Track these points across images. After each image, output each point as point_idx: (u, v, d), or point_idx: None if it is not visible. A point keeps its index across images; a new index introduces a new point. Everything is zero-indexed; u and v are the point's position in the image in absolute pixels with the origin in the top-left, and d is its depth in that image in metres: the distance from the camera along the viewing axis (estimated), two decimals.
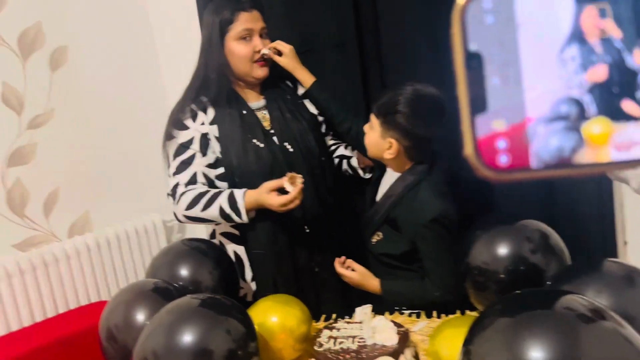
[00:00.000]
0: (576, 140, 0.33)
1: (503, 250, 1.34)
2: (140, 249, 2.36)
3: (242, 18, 1.65)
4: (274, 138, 1.71)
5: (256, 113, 1.73)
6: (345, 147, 1.90)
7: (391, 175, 1.61)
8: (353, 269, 1.60)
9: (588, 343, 0.84)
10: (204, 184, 1.65)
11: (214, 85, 1.66)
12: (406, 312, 1.55)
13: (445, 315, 1.51)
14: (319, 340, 1.32)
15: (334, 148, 1.91)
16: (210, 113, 1.68)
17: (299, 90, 1.83)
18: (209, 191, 1.61)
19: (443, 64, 0.40)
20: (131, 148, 2.39)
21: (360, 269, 1.60)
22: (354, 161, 1.84)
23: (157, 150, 1.72)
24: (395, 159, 1.54)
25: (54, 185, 2.19)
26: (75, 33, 2.23)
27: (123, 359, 1.34)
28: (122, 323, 1.36)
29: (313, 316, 1.47)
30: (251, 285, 1.76)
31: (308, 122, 1.77)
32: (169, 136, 1.68)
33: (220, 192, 1.60)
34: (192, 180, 1.64)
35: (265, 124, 1.72)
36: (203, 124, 1.66)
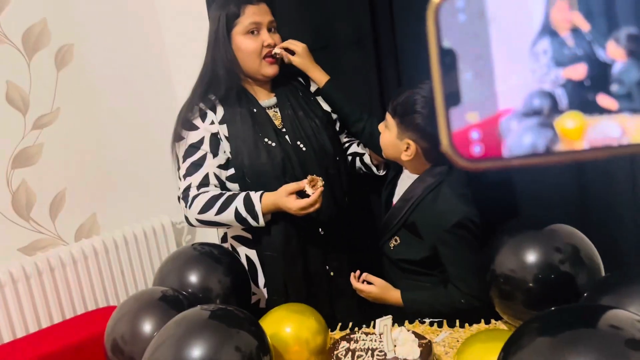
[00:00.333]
0: (549, 134, 0.34)
1: (531, 257, 1.27)
2: (149, 252, 2.32)
3: (249, 11, 1.59)
4: (287, 137, 1.65)
5: (267, 111, 1.68)
6: (358, 145, 1.85)
7: (408, 176, 1.56)
8: (370, 282, 1.53)
9: None
10: (216, 186, 1.60)
11: (222, 83, 1.61)
12: (427, 322, 1.47)
13: (468, 324, 1.44)
14: (336, 353, 1.26)
15: (347, 146, 1.87)
16: (220, 112, 1.63)
17: (311, 87, 1.78)
18: (223, 194, 1.57)
19: None
20: (139, 148, 2.35)
21: (378, 281, 1.53)
22: (366, 158, 1.80)
23: (166, 151, 1.68)
24: (413, 160, 1.48)
25: (61, 187, 2.15)
26: (82, 30, 2.18)
27: None
28: (129, 334, 1.32)
29: (328, 324, 1.41)
30: (264, 291, 1.70)
31: (321, 120, 1.71)
32: (178, 137, 1.64)
33: (235, 195, 1.56)
34: (204, 182, 1.59)
35: (277, 123, 1.67)
36: (213, 123, 1.61)
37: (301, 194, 1.50)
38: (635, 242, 1.48)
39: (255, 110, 1.64)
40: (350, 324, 1.50)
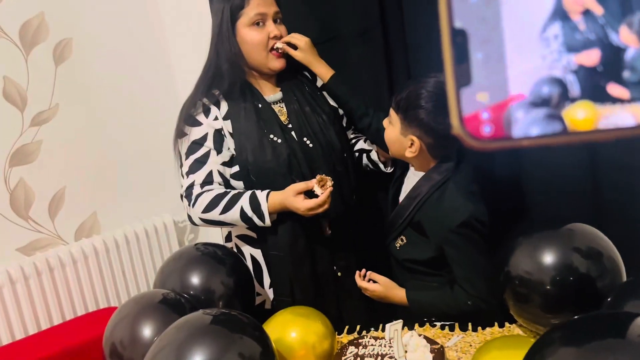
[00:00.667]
0: (559, 125, 0.33)
1: (548, 258, 1.21)
2: (151, 251, 2.29)
3: (254, 2, 1.55)
4: (292, 133, 1.61)
5: (272, 106, 1.63)
6: (365, 141, 1.81)
7: (414, 174, 1.52)
8: (375, 281, 1.48)
9: None
10: (220, 184, 1.56)
11: (226, 77, 1.57)
12: (438, 325, 1.42)
13: (481, 327, 1.38)
14: (343, 359, 1.20)
15: (353, 142, 1.83)
16: (224, 107, 1.58)
17: (318, 82, 1.74)
18: (227, 192, 1.53)
19: None
20: (140, 145, 2.31)
21: (383, 280, 1.49)
22: (373, 154, 1.76)
23: (168, 148, 1.63)
24: (418, 157, 1.44)
25: (60, 185, 2.11)
26: (80, 24, 2.14)
27: None
28: (128, 338, 1.28)
29: (335, 325, 1.37)
30: (269, 292, 1.66)
31: (328, 116, 1.67)
32: (180, 133, 1.59)
33: (241, 194, 1.52)
34: (208, 180, 1.54)
35: (283, 118, 1.62)
36: (216, 118, 1.57)
37: (309, 193, 1.45)
38: None
39: (260, 105, 1.60)
40: (358, 327, 1.45)
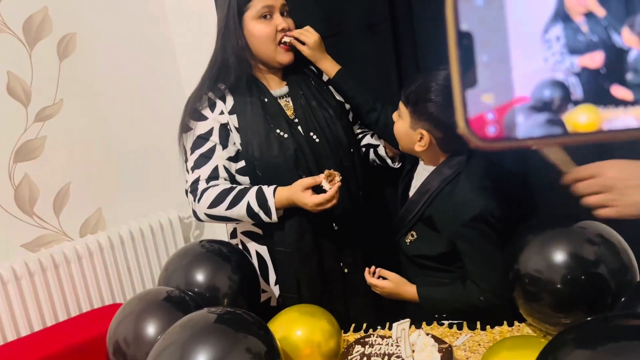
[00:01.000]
0: (559, 129, 0.33)
1: (559, 256, 1.18)
2: (156, 247, 2.28)
3: None
4: (299, 128, 1.59)
5: (279, 101, 1.61)
6: (372, 136, 1.80)
7: (424, 168, 1.50)
8: (384, 278, 1.46)
9: None
10: (225, 179, 1.55)
11: (232, 71, 1.55)
12: (446, 323, 1.40)
13: (489, 325, 1.36)
14: (350, 358, 1.19)
15: (360, 137, 1.81)
16: (230, 101, 1.56)
17: (324, 76, 1.72)
18: (233, 188, 1.51)
19: None
20: (145, 141, 2.30)
21: (392, 276, 1.47)
22: (381, 150, 1.75)
23: (173, 143, 1.62)
24: (428, 151, 1.42)
25: (65, 181, 2.11)
26: (84, 19, 2.13)
27: None
28: (132, 336, 1.26)
29: (341, 322, 1.35)
30: (275, 289, 1.64)
31: (335, 110, 1.65)
32: (185, 128, 1.58)
33: (247, 189, 1.50)
34: (214, 175, 1.53)
35: (289, 113, 1.61)
36: (222, 113, 1.55)
37: (316, 188, 1.44)
38: None
39: (266, 100, 1.58)
40: (365, 325, 1.43)
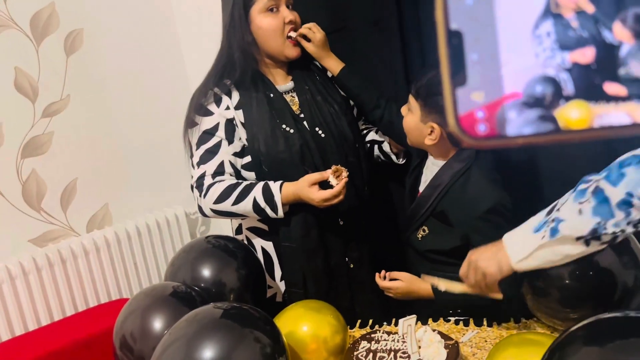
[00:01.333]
0: (551, 125, 0.34)
1: None
2: (162, 243, 2.28)
3: None
4: (304, 123, 1.59)
5: (284, 96, 1.61)
6: (376, 132, 1.78)
7: (433, 163, 1.49)
8: (395, 279, 1.45)
9: None
10: (231, 175, 1.54)
11: (238, 66, 1.54)
12: (452, 320, 1.39)
13: (496, 322, 1.35)
14: (356, 354, 1.18)
15: (364, 133, 1.80)
16: (235, 97, 1.56)
17: (329, 72, 1.69)
18: (239, 183, 1.51)
19: None
20: (152, 136, 2.30)
21: (404, 276, 1.45)
22: (386, 146, 1.74)
23: (179, 139, 1.61)
24: (438, 145, 1.41)
25: (72, 176, 2.11)
26: (91, 14, 2.13)
27: None
28: (138, 331, 1.26)
29: (347, 318, 1.34)
30: (281, 285, 1.64)
31: (340, 106, 1.64)
32: (191, 123, 1.57)
33: (253, 185, 1.50)
34: (220, 171, 1.52)
35: (294, 108, 1.60)
36: (228, 108, 1.54)
37: (322, 184, 1.43)
38: None
39: (272, 95, 1.58)
40: (371, 321, 1.42)
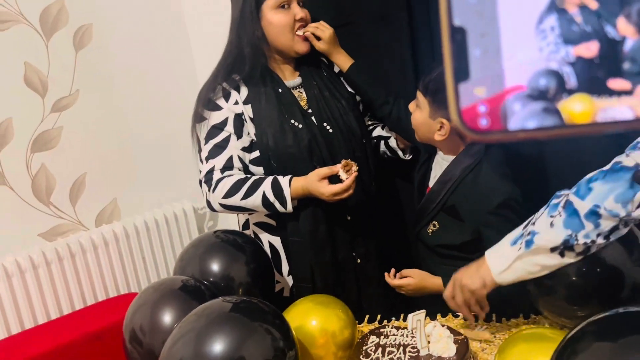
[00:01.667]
0: (555, 118, 0.34)
1: None
2: (171, 238, 2.28)
3: None
4: (312, 118, 1.59)
5: (292, 91, 1.60)
6: (382, 128, 1.79)
7: (443, 158, 1.49)
8: (406, 277, 1.45)
9: None
10: (239, 170, 1.55)
11: (248, 61, 1.55)
12: (460, 315, 1.39)
13: (505, 318, 1.35)
14: (365, 348, 1.19)
15: (370, 129, 1.80)
16: (244, 92, 1.56)
17: (336, 67, 1.71)
18: (248, 178, 1.51)
19: None
20: (161, 131, 2.29)
21: (414, 272, 1.45)
22: (392, 142, 1.74)
23: (188, 134, 1.62)
24: (447, 140, 1.41)
25: (81, 171, 2.11)
26: (101, 10, 2.13)
27: None
28: (148, 325, 1.27)
29: (354, 313, 1.34)
30: (288, 279, 1.64)
31: (347, 101, 1.65)
32: (199, 118, 1.58)
33: (262, 179, 1.50)
34: (228, 165, 1.53)
35: (302, 104, 1.61)
36: (237, 103, 1.55)
37: (331, 178, 1.43)
38: None
39: (280, 90, 1.58)
40: (379, 316, 1.43)
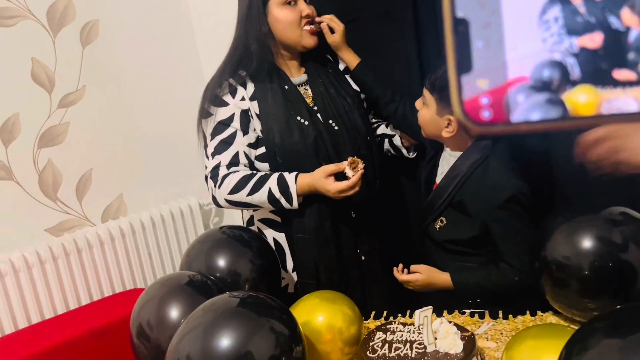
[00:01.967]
0: (559, 109, 0.34)
1: (587, 242, 1.17)
2: (177, 233, 2.28)
3: None
4: (318, 115, 1.59)
5: (298, 88, 1.60)
6: (387, 126, 1.78)
7: (450, 154, 1.49)
8: (414, 272, 1.45)
9: None
10: (245, 166, 1.54)
11: (254, 58, 1.54)
12: (467, 312, 1.39)
13: (512, 315, 1.34)
14: (371, 344, 1.18)
15: (374, 127, 1.80)
16: (250, 88, 1.56)
17: (340, 65, 1.71)
18: (254, 174, 1.51)
19: None
20: (167, 127, 2.30)
21: (422, 268, 1.45)
22: (396, 140, 1.74)
23: (194, 130, 1.62)
24: (455, 137, 1.41)
25: (87, 167, 2.11)
26: (107, 6, 2.13)
27: (155, 359, 1.23)
28: (155, 320, 1.27)
29: (360, 311, 1.32)
30: (293, 276, 1.63)
31: (352, 99, 1.65)
32: (205, 114, 1.57)
33: (268, 175, 1.50)
34: (234, 161, 1.53)
35: (308, 100, 1.61)
36: (243, 99, 1.54)
37: (337, 175, 1.43)
38: None
39: (286, 87, 1.58)
40: (385, 312, 1.42)
